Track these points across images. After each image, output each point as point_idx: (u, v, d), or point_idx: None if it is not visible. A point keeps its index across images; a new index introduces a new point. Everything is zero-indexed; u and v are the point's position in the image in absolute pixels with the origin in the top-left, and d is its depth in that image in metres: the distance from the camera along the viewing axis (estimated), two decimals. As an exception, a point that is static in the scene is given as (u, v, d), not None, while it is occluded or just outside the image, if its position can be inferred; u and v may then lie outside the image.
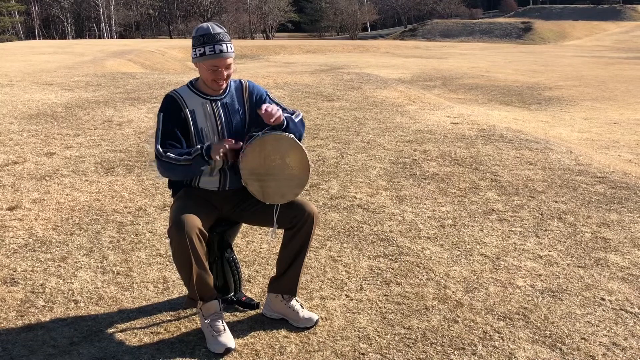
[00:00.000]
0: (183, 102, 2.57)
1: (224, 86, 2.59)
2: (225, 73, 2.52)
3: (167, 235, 2.46)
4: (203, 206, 2.56)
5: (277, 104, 2.67)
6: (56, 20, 64.30)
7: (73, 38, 57.33)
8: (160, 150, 2.50)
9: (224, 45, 2.48)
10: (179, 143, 2.54)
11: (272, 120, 2.45)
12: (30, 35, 59.24)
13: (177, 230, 2.39)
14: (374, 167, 5.23)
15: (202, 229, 2.44)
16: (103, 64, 15.15)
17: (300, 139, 2.57)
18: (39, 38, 55.54)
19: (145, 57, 20.09)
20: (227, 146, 2.45)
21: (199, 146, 2.47)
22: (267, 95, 2.72)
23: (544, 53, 29.77)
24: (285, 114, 2.57)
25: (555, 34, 48.59)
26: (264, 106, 2.45)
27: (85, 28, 64.17)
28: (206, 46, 2.46)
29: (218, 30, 2.49)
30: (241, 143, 2.49)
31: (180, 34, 65.01)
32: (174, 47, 24.74)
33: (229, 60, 2.51)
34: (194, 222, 2.41)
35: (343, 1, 68.86)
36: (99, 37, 58.17)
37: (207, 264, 2.50)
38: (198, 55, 2.49)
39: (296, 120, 2.62)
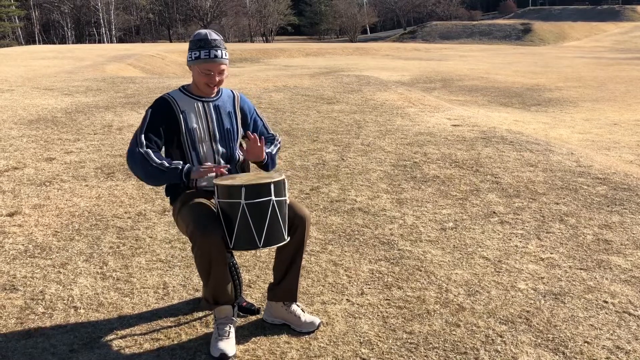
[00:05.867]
0: (176, 104, 2.64)
1: (215, 90, 2.69)
2: (218, 78, 2.62)
3: (189, 239, 2.46)
4: (212, 209, 2.56)
5: (263, 123, 2.87)
6: (56, 25, 64.41)
7: (73, 43, 57.42)
8: (143, 141, 2.57)
9: (219, 52, 2.59)
10: (159, 139, 2.61)
11: (255, 151, 2.62)
12: (30, 40, 59.31)
13: (202, 235, 2.38)
14: (374, 170, 5.22)
15: (222, 234, 2.45)
16: (103, 69, 15.16)
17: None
18: (39, 43, 55.60)
19: (145, 61, 20.12)
20: (213, 171, 2.56)
21: (180, 164, 2.57)
22: (255, 111, 2.86)
23: (544, 54, 29.78)
24: (266, 149, 2.72)
25: (554, 35, 48.61)
26: (254, 135, 2.63)
27: (85, 33, 64.28)
28: (202, 50, 2.57)
29: (215, 37, 2.61)
30: (224, 170, 2.57)
31: (180, 37, 65.17)
32: (174, 51, 24.77)
33: (222, 66, 2.62)
34: (217, 225, 2.41)
35: (342, 4, 68.98)
36: (99, 42, 58.26)
37: (227, 268, 2.52)
38: (193, 58, 2.60)
39: (274, 152, 2.80)
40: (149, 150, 2.56)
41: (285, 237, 2.48)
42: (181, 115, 2.62)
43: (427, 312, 2.82)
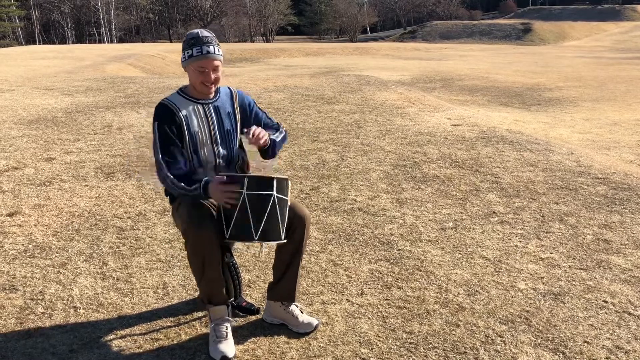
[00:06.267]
0: (176, 108, 2.61)
1: (213, 90, 2.66)
2: (213, 76, 2.58)
3: (182, 235, 2.48)
4: (210, 208, 2.56)
5: (265, 115, 2.85)
6: (56, 25, 64.41)
7: (73, 43, 57.39)
8: (162, 162, 2.53)
9: (212, 47, 2.56)
10: (176, 147, 2.57)
11: (260, 142, 2.58)
12: (30, 40, 59.28)
13: (195, 231, 2.38)
14: (374, 170, 5.22)
15: (217, 232, 2.44)
16: (103, 69, 15.16)
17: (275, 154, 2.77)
18: (40, 43, 55.55)
19: (146, 61, 20.13)
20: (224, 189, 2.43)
21: (198, 184, 2.48)
22: (255, 104, 2.84)
23: (544, 54, 29.78)
24: (271, 135, 2.70)
25: (554, 35, 48.61)
26: (252, 129, 2.56)
27: (85, 33, 64.28)
28: (194, 48, 2.54)
29: (206, 34, 2.59)
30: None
31: (180, 37, 65.10)
32: (174, 51, 24.74)
33: (216, 62, 2.58)
34: (211, 224, 2.41)
35: (342, 4, 69.00)
36: (99, 42, 58.23)
37: (220, 268, 2.51)
38: (187, 57, 2.58)
39: (279, 139, 2.76)
40: (171, 176, 2.51)
41: (282, 237, 2.48)
42: (183, 121, 2.60)
43: (426, 312, 2.82)
